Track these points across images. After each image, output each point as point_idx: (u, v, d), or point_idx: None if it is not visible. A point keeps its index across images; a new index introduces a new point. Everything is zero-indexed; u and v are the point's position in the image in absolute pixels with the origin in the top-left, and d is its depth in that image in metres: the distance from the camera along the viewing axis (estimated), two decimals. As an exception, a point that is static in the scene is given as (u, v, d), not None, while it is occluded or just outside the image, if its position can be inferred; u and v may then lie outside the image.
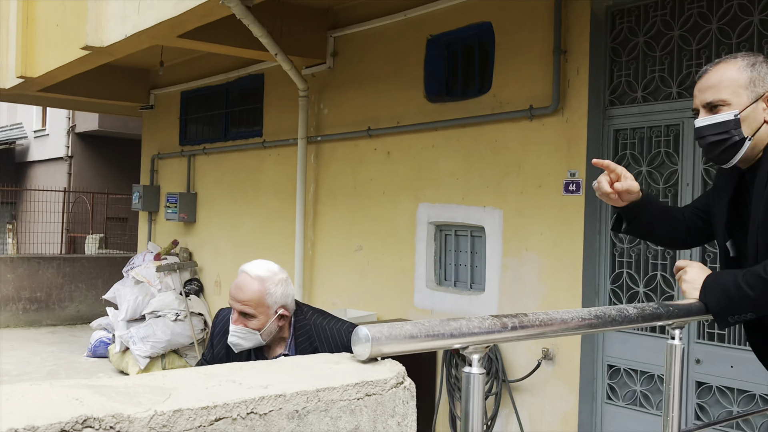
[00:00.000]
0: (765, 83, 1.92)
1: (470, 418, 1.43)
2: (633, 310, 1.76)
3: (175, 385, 1.11)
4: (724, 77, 1.95)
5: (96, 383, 1.09)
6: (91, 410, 0.93)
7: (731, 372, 4.07)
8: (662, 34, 4.44)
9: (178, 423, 0.99)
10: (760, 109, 1.91)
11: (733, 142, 1.92)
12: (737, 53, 2.05)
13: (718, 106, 1.94)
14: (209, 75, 8.43)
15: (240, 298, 2.47)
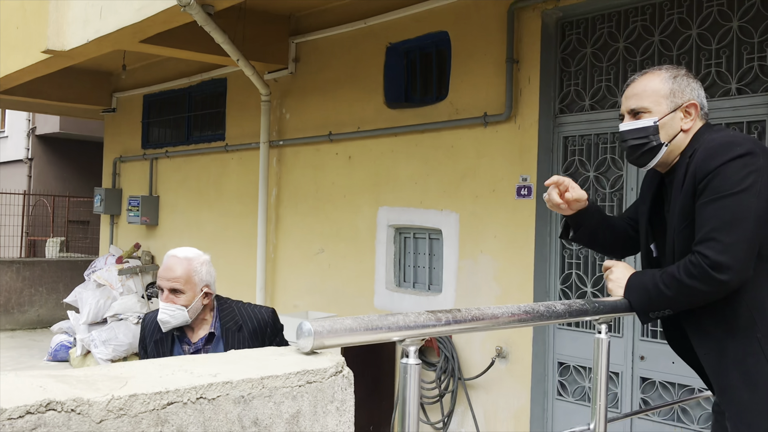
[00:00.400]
0: (684, 95, 2.09)
1: (407, 405, 1.57)
2: (561, 306, 1.92)
3: (131, 374, 1.22)
4: (648, 87, 2.12)
5: (58, 373, 1.20)
6: (53, 395, 1.04)
7: (673, 367, 4.28)
8: (608, 45, 4.65)
9: (133, 406, 1.10)
10: (677, 118, 2.08)
11: (651, 146, 2.09)
12: (663, 65, 2.22)
13: (641, 112, 2.11)
14: (172, 79, 8.47)
15: (169, 276, 2.70)
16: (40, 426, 1.01)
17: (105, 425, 1.07)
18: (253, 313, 2.82)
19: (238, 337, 2.75)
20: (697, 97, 2.10)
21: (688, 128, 2.08)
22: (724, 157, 1.90)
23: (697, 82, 2.14)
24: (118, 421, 1.09)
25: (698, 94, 2.10)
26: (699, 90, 2.12)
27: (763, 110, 3.92)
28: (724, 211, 1.86)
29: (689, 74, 2.15)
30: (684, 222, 2.00)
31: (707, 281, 1.85)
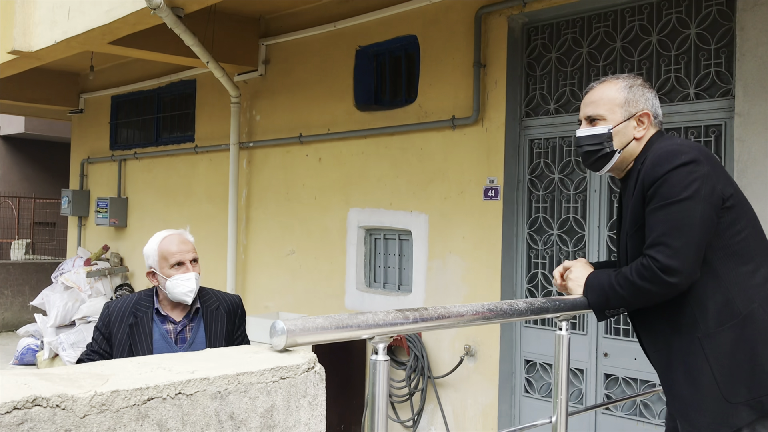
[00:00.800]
0: (638, 105, 2.19)
1: (376, 400, 1.64)
2: (523, 305, 2.01)
3: (111, 372, 1.28)
4: (604, 95, 2.22)
5: (40, 371, 1.24)
6: (39, 391, 1.09)
7: (635, 364, 4.42)
8: (573, 50, 4.77)
9: (115, 402, 1.16)
10: (630, 127, 2.18)
11: (604, 153, 2.19)
12: (620, 74, 2.32)
13: (596, 120, 2.21)
14: (140, 80, 8.43)
15: (188, 248, 2.83)
16: (27, 421, 1.06)
17: (88, 420, 1.13)
18: (227, 296, 2.98)
19: (216, 315, 2.87)
20: (651, 107, 2.19)
21: (640, 136, 2.17)
22: (670, 165, 2.00)
23: (652, 91, 2.23)
24: (101, 416, 1.14)
25: (652, 104, 2.20)
26: (653, 99, 2.21)
27: (719, 114, 4.07)
28: (672, 217, 1.96)
29: (645, 84, 2.24)
30: (635, 226, 2.10)
31: (657, 283, 1.95)
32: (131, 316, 2.81)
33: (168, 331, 2.81)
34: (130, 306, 2.83)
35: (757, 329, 1.96)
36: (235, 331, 2.93)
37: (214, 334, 2.82)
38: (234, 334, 2.92)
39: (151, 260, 2.84)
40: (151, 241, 2.88)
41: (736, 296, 1.98)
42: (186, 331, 2.83)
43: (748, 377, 1.95)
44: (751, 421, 1.95)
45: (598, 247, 4.58)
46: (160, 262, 2.80)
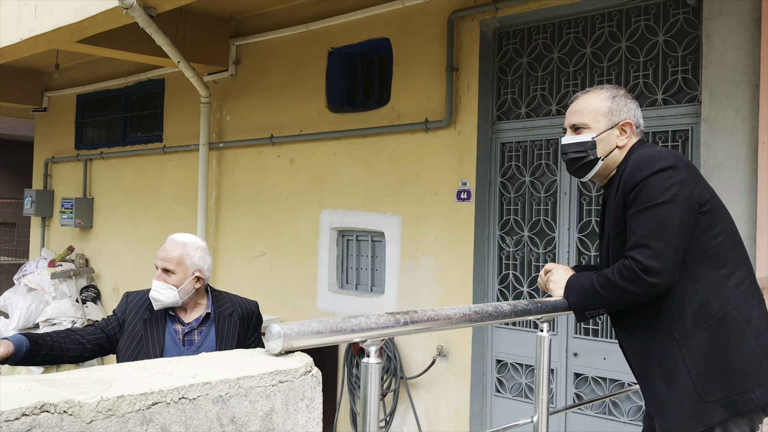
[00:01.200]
0: (621, 114, 2.27)
1: (368, 403, 1.66)
2: (507, 307, 2.05)
3: (112, 377, 1.28)
4: (589, 105, 2.29)
5: (41, 377, 1.24)
6: (46, 397, 1.10)
7: (604, 363, 4.52)
8: (543, 56, 4.86)
9: (121, 407, 1.17)
10: (614, 136, 2.26)
11: (588, 160, 2.26)
12: (604, 84, 2.40)
13: (581, 128, 2.29)
14: (107, 78, 8.31)
15: (163, 256, 2.87)
16: (35, 427, 1.06)
17: (95, 425, 1.13)
18: (243, 302, 3.00)
19: (229, 321, 2.89)
20: (633, 117, 2.28)
21: (623, 145, 2.25)
22: (649, 171, 2.08)
23: (635, 102, 2.32)
24: (107, 422, 1.15)
25: (634, 114, 2.28)
26: (636, 110, 2.30)
27: (686, 120, 4.18)
28: (652, 220, 2.03)
29: (628, 95, 2.32)
30: (616, 230, 2.17)
31: (639, 283, 2.02)
32: (147, 311, 2.85)
33: (176, 331, 2.84)
34: (148, 302, 2.87)
35: (730, 330, 2.04)
36: (249, 337, 2.95)
37: (225, 339, 2.84)
38: (247, 340, 2.94)
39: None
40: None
41: (712, 298, 2.05)
42: (194, 333, 2.85)
43: (721, 377, 2.03)
44: (723, 419, 2.03)
45: (568, 248, 4.67)
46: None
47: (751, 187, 3.76)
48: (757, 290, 2.13)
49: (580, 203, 4.64)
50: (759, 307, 2.11)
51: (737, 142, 3.83)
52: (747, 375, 2.02)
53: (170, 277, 2.83)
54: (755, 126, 3.75)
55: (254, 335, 2.98)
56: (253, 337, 2.98)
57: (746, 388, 2.01)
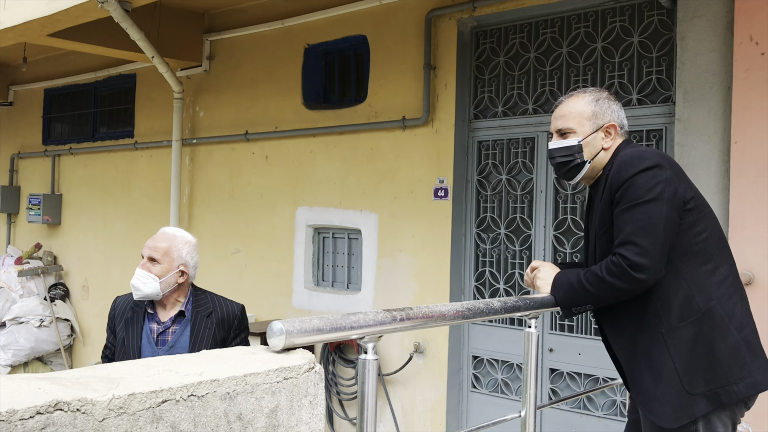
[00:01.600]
0: (605, 117, 2.31)
1: (366, 397, 1.68)
2: (497, 303, 2.08)
3: (119, 375, 1.28)
4: (573, 109, 2.33)
5: (48, 375, 1.23)
6: (59, 396, 1.09)
7: (579, 359, 4.59)
8: (520, 55, 4.91)
9: (132, 405, 1.16)
10: (599, 138, 2.30)
11: (576, 163, 2.31)
12: (587, 88, 2.45)
13: (567, 132, 2.33)
14: (76, 73, 8.17)
15: (151, 245, 2.84)
16: (49, 425, 1.06)
17: (107, 423, 1.13)
18: (225, 304, 2.91)
19: (206, 323, 2.81)
20: (617, 119, 2.32)
21: (608, 146, 2.30)
22: (635, 169, 2.13)
23: (618, 103, 2.37)
24: (119, 420, 1.14)
25: (618, 116, 2.33)
26: (619, 111, 2.35)
27: (660, 120, 4.27)
28: (639, 217, 2.08)
29: (611, 97, 2.37)
30: (603, 228, 2.22)
31: (627, 279, 2.06)
32: (129, 311, 2.81)
33: (152, 330, 2.79)
34: (131, 302, 2.83)
35: (714, 325, 2.09)
36: (229, 341, 2.84)
37: (199, 340, 2.75)
38: (228, 344, 2.82)
39: None
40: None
41: (696, 294, 2.11)
42: (168, 333, 2.79)
43: (705, 370, 2.08)
44: (707, 411, 2.08)
45: (544, 245, 4.74)
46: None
47: (723, 186, 3.86)
48: (739, 286, 2.20)
49: (556, 201, 4.71)
50: (742, 303, 2.17)
51: (710, 142, 3.92)
52: (730, 368, 2.08)
53: (154, 266, 2.77)
54: (727, 126, 3.84)
55: (236, 339, 2.87)
56: (235, 342, 2.86)
57: (729, 381, 2.07)
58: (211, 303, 2.88)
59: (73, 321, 8.01)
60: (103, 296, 7.85)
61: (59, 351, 7.87)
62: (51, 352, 7.86)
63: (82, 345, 8.07)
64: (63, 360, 7.86)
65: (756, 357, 2.13)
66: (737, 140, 3.75)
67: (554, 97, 4.74)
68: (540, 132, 4.77)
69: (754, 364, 2.11)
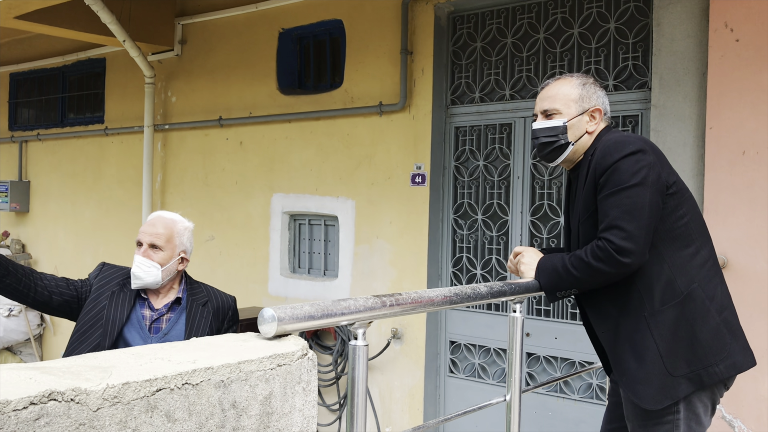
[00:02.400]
0: (591, 101, 2.33)
1: (356, 385, 1.67)
2: (484, 288, 2.09)
3: (110, 364, 1.25)
4: (560, 91, 2.35)
5: (38, 365, 1.20)
6: (52, 386, 1.06)
7: (555, 343, 4.64)
8: (497, 40, 4.91)
9: (126, 394, 1.14)
10: (584, 121, 2.32)
11: (559, 144, 2.32)
12: (574, 73, 2.46)
13: (552, 113, 2.34)
14: (43, 57, 7.99)
15: (152, 231, 2.68)
16: (43, 416, 1.03)
17: (101, 413, 1.10)
18: (219, 294, 2.84)
19: (202, 311, 2.71)
20: (602, 104, 2.35)
21: (592, 130, 2.32)
22: (619, 154, 2.14)
23: (602, 89, 2.39)
24: (113, 409, 1.12)
25: (603, 101, 2.36)
26: (604, 97, 2.37)
27: (636, 106, 4.31)
28: (624, 202, 2.10)
29: (596, 83, 2.41)
30: (586, 213, 2.23)
31: (612, 264, 2.08)
32: (117, 285, 2.67)
33: (144, 316, 2.66)
34: (122, 276, 2.70)
35: (696, 307, 2.12)
36: (224, 332, 2.76)
37: (195, 329, 2.65)
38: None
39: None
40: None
41: (678, 277, 2.13)
42: (162, 320, 2.68)
43: (687, 352, 2.11)
44: (689, 393, 2.11)
45: (521, 231, 4.76)
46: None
47: (698, 171, 3.91)
48: (719, 269, 2.23)
49: (533, 187, 4.73)
50: (722, 285, 2.20)
51: (685, 128, 3.97)
52: (711, 350, 2.11)
53: (156, 253, 2.64)
54: (703, 112, 3.89)
55: (228, 331, 2.80)
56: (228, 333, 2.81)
57: (710, 363, 2.11)
58: (205, 292, 2.79)
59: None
60: (74, 285, 7.72)
61: (29, 341, 7.74)
62: (20, 342, 7.73)
63: (52, 334, 7.94)
64: (33, 350, 7.73)
65: (736, 338, 2.16)
66: (712, 126, 3.80)
67: (531, 82, 4.75)
68: (517, 118, 4.78)
69: (735, 346, 2.15)
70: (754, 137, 3.68)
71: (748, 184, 3.69)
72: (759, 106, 3.67)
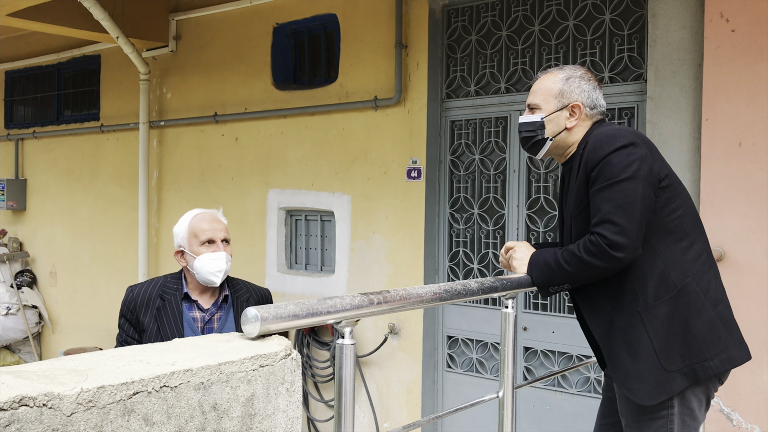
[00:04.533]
0: (572, 96, 2.29)
1: (344, 384, 1.65)
2: (475, 285, 2.06)
3: (88, 367, 1.23)
4: (542, 86, 2.33)
5: (13, 369, 1.18)
6: (24, 390, 1.04)
7: (553, 337, 4.62)
8: (492, 33, 4.87)
9: (101, 398, 1.12)
10: (562, 117, 2.29)
11: (537, 139, 2.32)
12: (565, 65, 2.41)
13: (534, 108, 2.33)
14: (38, 54, 7.95)
15: (218, 227, 2.72)
16: (14, 422, 1.01)
17: (75, 418, 1.08)
18: (256, 288, 2.86)
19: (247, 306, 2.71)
20: (586, 98, 2.29)
21: (571, 126, 2.29)
22: (611, 148, 2.11)
23: (591, 83, 2.33)
24: (88, 413, 1.10)
25: (588, 95, 2.30)
26: (591, 91, 2.31)
27: (632, 98, 4.27)
28: (616, 196, 2.07)
29: (585, 76, 2.34)
30: (579, 207, 2.20)
31: (605, 258, 2.05)
32: (158, 299, 2.64)
33: (195, 319, 2.65)
34: (157, 288, 2.66)
35: (689, 302, 2.10)
36: None
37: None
38: None
39: (180, 238, 2.70)
40: (182, 219, 2.75)
41: (672, 271, 2.11)
42: (214, 320, 2.67)
43: (682, 346, 2.09)
44: (684, 388, 2.09)
45: (518, 225, 4.74)
46: (189, 240, 2.67)
47: (694, 163, 3.88)
48: (713, 262, 2.20)
49: (529, 180, 4.71)
50: (716, 279, 2.18)
51: (681, 120, 3.94)
52: (706, 344, 2.09)
53: (226, 248, 2.71)
54: (699, 104, 3.86)
55: None
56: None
57: (705, 357, 2.08)
58: (245, 287, 2.81)
59: (41, 308, 7.86)
60: (72, 282, 7.71)
61: (27, 339, 7.73)
62: (19, 340, 7.72)
63: (51, 332, 7.93)
64: (32, 348, 7.72)
65: (731, 332, 2.14)
66: (708, 117, 3.77)
67: (526, 75, 4.72)
68: (513, 111, 4.75)
69: (729, 339, 2.13)
70: (751, 128, 3.65)
71: (744, 175, 3.66)
72: (755, 97, 3.64)
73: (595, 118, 2.32)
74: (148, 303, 2.65)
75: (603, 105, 2.34)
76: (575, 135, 2.29)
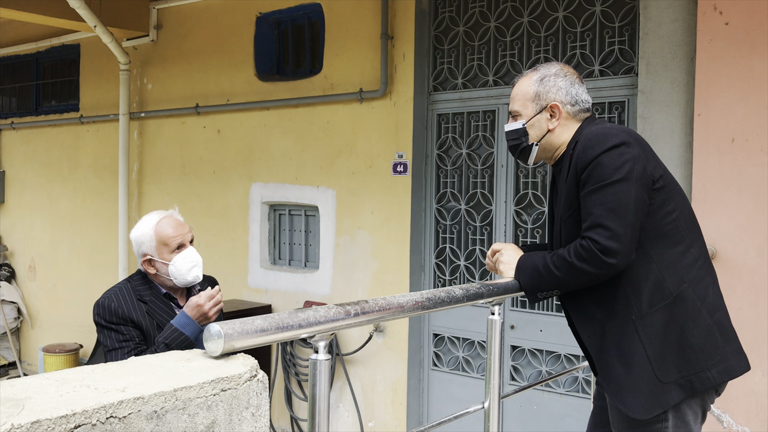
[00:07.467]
0: (548, 97, 2.17)
1: (317, 400, 1.53)
2: (459, 291, 1.95)
3: (26, 394, 1.10)
4: (519, 91, 2.22)
5: (-61, 399, 1.06)
6: (-57, 430, 0.92)
7: (540, 335, 4.52)
8: (480, 24, 4.75)
9: (36, 434, 0.99)
10: (543, 120, 2.17)
11: (523, 147, 2.21)
12: (539, 65, 2.27)
13: (515, 115, 2.23)
14: (15, 43, 7.75)
15: (185, 229, 2.70)
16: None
17: (5, 459, 0.96)
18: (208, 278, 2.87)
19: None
20: (564, 96, 2.16)
21: (554, 127, 2.17)
22: (601, 148, 1.99)
23: (567, 78, 2.19)
24: (20, 453, 0.97)
25: (566, 92, 2.17)
26: (569, 87, 2.18)
27: (623, 91, 4.17)
28: (608, 199, 1.95)
29: (560, 73, 2.19)
30: (569, 211, 2.08)
31: (597, 264, 1.94)
32: (140, 303, 2.58)
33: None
34: (132, 294, 2.59)
35: (686, 309, 1.99)
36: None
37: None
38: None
39: (147, 247, 2.61)
40: (142, 226, 2.66)
41: (667, 277, 2.00)
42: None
43: (678, 357, 1.98)
44: (680, 400, 1.99)
45: (505, 221, 4.63)
46: (159, 249, 2.60)
47: (686, 159, 3.78)
48: (711, 267, 2.10)
49: (516, 175, 4.60)
50: (713, 285, 2.07)
51: (673, 114, 3.84)
52: (703, 354, 1.98)
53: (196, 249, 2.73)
54: (691, 98, 3.76)
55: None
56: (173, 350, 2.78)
57: (702, 368, 1.98)
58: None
59: (19, 303, 7.70)
60: (51, 276, 7.55)
61: (5, 335, 7.56)
62: (-3, 336, 7.56)
63: (30, 327, 7.77)
64: (10, 344, 7.56)
65: (729, 341, 2.04)
66: (700, 112, 3.67)
67: (515, 68, 4.60)
68: (501, 104, 4.64)
69: (728, 349, 2.02)
70: (744, 124, 3.55)
71: (737, 172, 3.57)
72: (749, 92, 3.54)
73: (582, 116, 2.19)
74: (133, 306, 2.57)
75: (586, 100, 2.21)
76: (562, 136, 2.17)
